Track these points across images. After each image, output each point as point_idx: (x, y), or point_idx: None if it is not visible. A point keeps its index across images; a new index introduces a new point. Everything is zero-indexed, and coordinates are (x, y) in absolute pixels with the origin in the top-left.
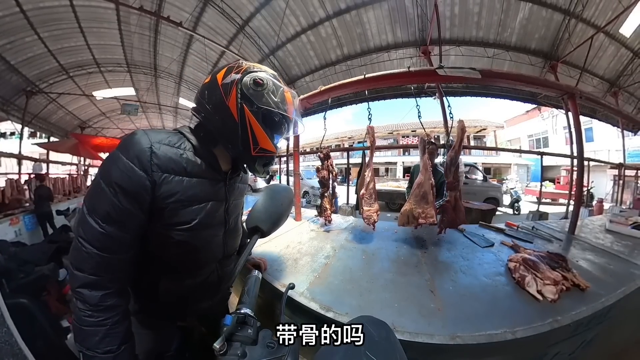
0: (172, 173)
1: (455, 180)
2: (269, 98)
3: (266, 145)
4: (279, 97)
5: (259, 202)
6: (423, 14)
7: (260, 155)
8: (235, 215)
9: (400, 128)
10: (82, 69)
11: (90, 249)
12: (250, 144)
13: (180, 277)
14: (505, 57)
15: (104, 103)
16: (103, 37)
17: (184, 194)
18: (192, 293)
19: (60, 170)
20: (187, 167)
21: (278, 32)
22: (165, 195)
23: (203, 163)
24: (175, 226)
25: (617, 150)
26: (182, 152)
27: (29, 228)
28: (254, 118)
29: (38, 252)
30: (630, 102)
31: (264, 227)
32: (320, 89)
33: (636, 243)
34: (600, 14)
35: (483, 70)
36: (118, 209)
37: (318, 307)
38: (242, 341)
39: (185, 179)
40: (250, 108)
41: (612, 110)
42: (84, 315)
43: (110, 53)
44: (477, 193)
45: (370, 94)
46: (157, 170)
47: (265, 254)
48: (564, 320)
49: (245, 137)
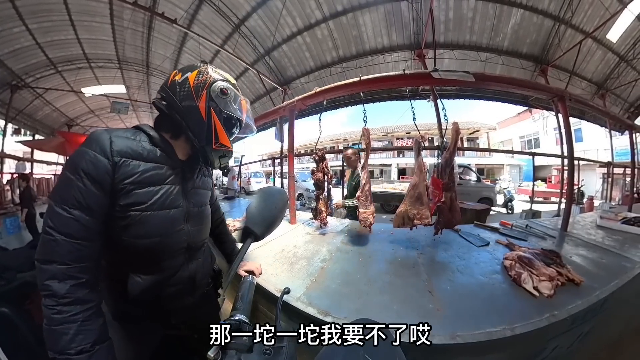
0: (130, 157)
1: (450, 181)
2: (230, 105)
3: (225, 141)
4: (237, 105)
5: (253, 205)
6: (418, 18)
7: (219, 149)
8: (198, 204)
9: (395, 130)
10: (71, 63)
11: (59, 236)
12: (212, 139)
13: (146, 270)
14: (497, 61)
15: (93, 100)
16: (94, 31)
17: (141, 175)
18: (164, 289)
19: (45, 170)
20: (143, 154)
21: (274, 33)
22: (123, 177)
23: (159, 151)
24: (131, 206)
25: (605, 149)
26: (138, 142)
27: (10, 232)
28: (218, 119)
29: (20, 257)
30: (617, 103)
31: (258, 230)
32: (315, 90)
33: (626, 237)
34: (589, 20)
35: (476, 74)
36: (85, 193)
37: (316, 312)
38: (237, 349)
39: (142, 163)
40: (215, 111)
41: (600, 112)
42: (52, 312)
43: (102, 48)
44: (471, 193)
45: (366, 96)
46: (116, 155)
47: (260, 259)
48: (561, 314)
49: (209, 133)
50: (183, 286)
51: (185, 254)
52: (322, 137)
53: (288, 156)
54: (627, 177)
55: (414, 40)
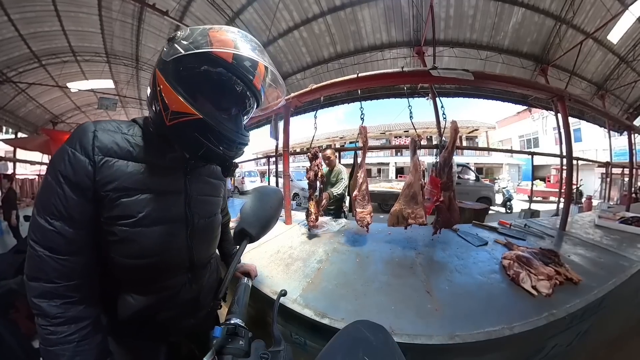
0: (115, 156)
1: (449, 180)
2: (179, 46)
3: (179, 106)
4: (195, 37)
5: (247, 205)
6: (418, 15)
7: (176, 123)
8: (205, 215)
9: (392, 128)
10: (56, 57)
11: (42, 251)
12: (162, 113)
13: (140, 290)
14: (497, 60)
15: (79, 96)
16: (81, 22)
17: (127, 180)
18: (163, 311)
19: (28, 170)
20: (133, 151)
21: (270, 27)
22: (105, 181)
23: (154, 147)
24: (117, 220)
25: (604, 149)
26: (130, 136)
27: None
28: (162, 77)
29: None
30: (617, 104)
31: (253, 231)
32: (311, 87)
33: (624, 237)
34: (590, 21)
35: (476, 72)
36: (65, 201)
37: (312, 314)
38: (233, 354)
39: (130, 164)
40: (163, 71)
41: (600, 112)
42: (45, 333)
43: (88, 41)
44: (469, 193)
45: (363, 94)
46: (98, 153)
47: (255, 260)
48: (560, 313)
49: (157, 107)
50: (184, 309)
51: (187, 274)
52: (318, 135)
53: (283, 154)
54: (625, 177)
55: (414, 37)
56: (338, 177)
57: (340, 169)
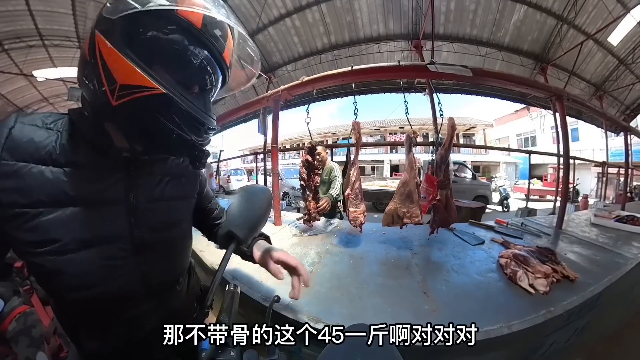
0: (29, 161)
1: (445, 178)
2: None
3: (131, 77)
4: None
5: (233, 206)
6: (418, 7)
7: (127, 100)
8: (160, 227)
9: (387, 124)
10: (20, 40)
11: None
12: (106, 89)
13: (96, 326)
14: (497, 57)
15: (47, 85)
16: (50, 2)
17: (45, 191)
18: (132, 346)
19: None
20: (53, 153)
21: (260, 13)
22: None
23: (82, 144)
24: (37, 247)
25: (600, 149)
26: (54, 132)
27: None
28: (106, 40)
29: None
30: (614, 105)
31: (240, 233)
32: (302, 79)
33: (619, 235)
34: (591, 22)
35: (475, 69)
36: None
37: (306, 319)
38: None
39: (50, 169)
40: (105, 33)
41: (597, 113)
42: None
43: (58, 23)
44: (466, 191)
45: (357, 88)
46: (7, 158)
47: (244, 265)
48: (557, 310)
49: (97, 84)
50: (156, 339)
51: (149, 301)
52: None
53: (272, 151)
54: (621, 177)
55: (412, 30)
56: (331, 175)
57: (333, 166)
